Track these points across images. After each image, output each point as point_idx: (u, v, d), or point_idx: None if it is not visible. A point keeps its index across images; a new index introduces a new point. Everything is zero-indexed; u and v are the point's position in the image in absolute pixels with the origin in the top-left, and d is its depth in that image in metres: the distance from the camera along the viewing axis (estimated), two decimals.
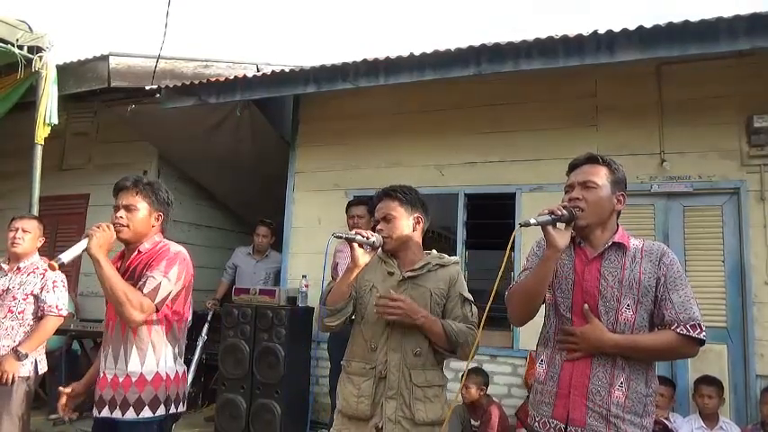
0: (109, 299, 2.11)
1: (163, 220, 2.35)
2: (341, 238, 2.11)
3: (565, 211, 1.75)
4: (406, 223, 2.23)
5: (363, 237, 2.11)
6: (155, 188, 2.33)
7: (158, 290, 2.14)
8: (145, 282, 2.14)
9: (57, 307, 3.24)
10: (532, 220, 1.71)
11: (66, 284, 3.35)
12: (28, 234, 3.27)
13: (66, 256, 2.05)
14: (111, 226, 2.18)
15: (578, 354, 1.78)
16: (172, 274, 2.19)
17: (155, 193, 2.31)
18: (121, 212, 2.25)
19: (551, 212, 1.73)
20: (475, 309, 2.19)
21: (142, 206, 2.27)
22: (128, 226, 2.24)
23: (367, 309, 2.19)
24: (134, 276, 2.21)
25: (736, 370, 4.04)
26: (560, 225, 1.75)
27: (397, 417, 2.06)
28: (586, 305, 1.77)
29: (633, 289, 1.76)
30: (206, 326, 5.26)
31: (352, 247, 2.11)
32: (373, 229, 2.24)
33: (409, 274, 2.18)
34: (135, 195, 2.27)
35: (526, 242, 4.51)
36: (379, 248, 2.20)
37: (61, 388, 2.35)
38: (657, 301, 1.75)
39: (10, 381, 3.06)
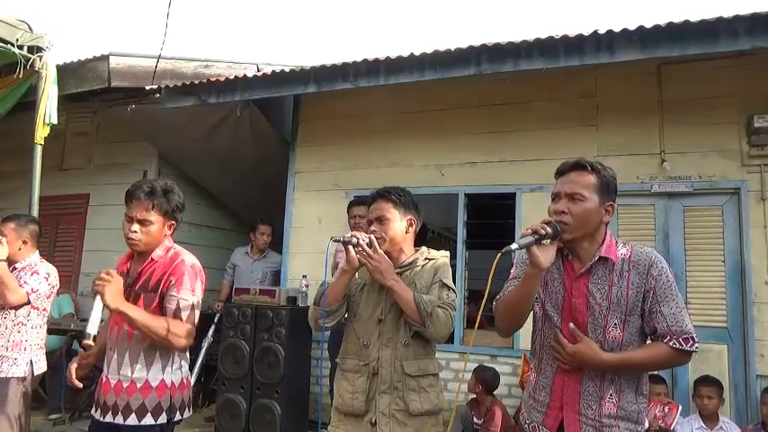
0: (150, 339, 2.12)
1: (175, 226, 2.32)
2: (339, 241, 2.15)
3: (549, 229, 1.68)
4: (400, 225, 2.25)
5: (358, 239, 2.14)
6: (169, 198, 2.25)
7: (194, 311, 2.19)
8: (178, 305, 2.15)
9: (25, 282, 3.09)
10: (514, 246, 1.64)
11: (49, 277, 3.22)
12: (3, 237, 3.12)
13: (93, 327, 2.01)
14: (114, 272, 2.10)
15: (568, 367, 1.77)
16: (198, 290, 2.22)
17: (170, 202, 2.25)
18: (135, 227, 2.19)
19: (535, 232, 1.67)
20: (453, 295, 2.20)
21: (157, 219, 2.22)
22: (142, 240, 2.20)
23: (359, 307, 2.24)
24: (148, 284, 2.19)
25: (736, 370, 4.04)
26: (545, 240, 1.70)
27: (390, 410, 2.09)
28: (572, 324, 1.74)
29: (621, 306, 1.73)
30: (212, 327, 5.27)
31: (347, 250, 2.14)
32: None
33: (398, 270, 2.21)
34: (150, 210, 2.20)
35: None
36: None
37: (85, 342, 2.32)
38: (647, 314, 1.72)
39: None
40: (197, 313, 2.19)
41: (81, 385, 2.36)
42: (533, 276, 1.70)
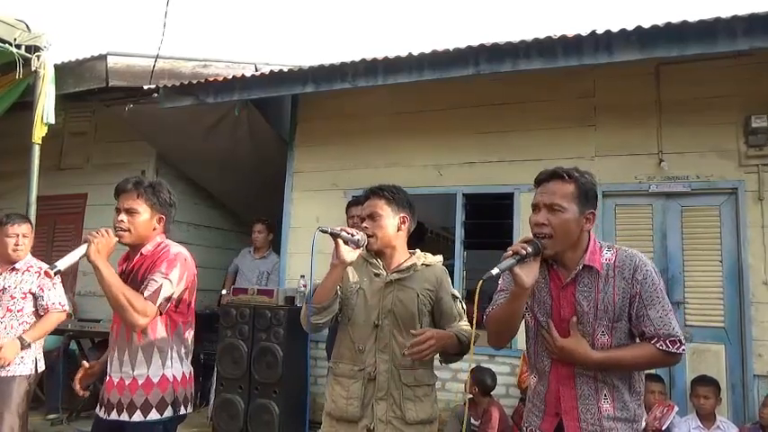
0: (111, 304, 2.09)
1: (165, 221, 2.32)
2: (326, 232, 2.07)
3: (530, 248, 1.67)
4: (392, 222, 2.21)
5: (348, 234, 2.08)
6: (156, 190, 2.28)
7: (159, 292, 2.13)
8: (146, 285, 2.13)
9: (60, 303, 3.31)
10: (495, 271, 1.63)
11: (60, 281, 3.39)
12: (27, 239, 3.31)
13: (63, 264, 2.03)
14: (111, 231, 2.14)
15: (557, 356, 1.78)
16: (173, 276, 2.17)
17: (156, 195, 2.27)
18: (123, 216, 2.21)
19: (516, 253, 1.65)
20: (463, 303, 2.25)
21: (144, 209, 2.23)
22: (129, 230, 2.21)
23: (354, 310, 2.18)
24: (137, 279, 2.19)
25: (733, 370, 4.05)
26: (528, 258, 1.68)
27: (387, 417, 2.06)
28: (574, 318, 1.75)
29: (608, 313, 1.73)
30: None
31: (337, 244, 2.06)
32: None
33: (396, 276, 2.18)
34: (136, 198, 2.22)
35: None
36: (364, 246, 2.17)
37: (85, 362, 2.38)
38: (634, 317, 1.73)
39: (5, 364, 3.09)
40: (163, 295, 2.13)
41: (87, 394, 2.38)
42: (519, 295, 1.70)
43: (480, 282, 1.66)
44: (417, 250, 2.31)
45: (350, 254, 2.08)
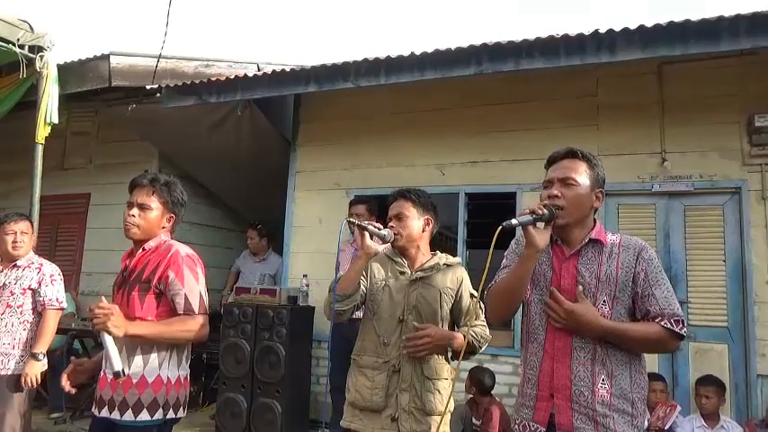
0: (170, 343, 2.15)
1: (174, 221, 2.32)
2: (354, 224, 2.22)
3: (545, 210, 1.72)
4: (417, 223, 2.36)
5: (375, 227, 2.23)
6: (171, 188, 2.29)
7: (203, 300, 2.18)
8: (186, 299, 2.15)
9: (57, 300, 3.31)
10: (514, 221, 1.70)
11: (62, 278, 3.40)
12: (26, 235, 3.33)
13: (117, 363, 1.96)
14: (105, 300, 2.03)
15: (559, 325, 1.75)
16: (201, 278, 2.22)
17: (170, 193, 2.27)
18: (134, 210, 2.21)
19: (532, 212, 1.71)
20: (481, 303, 2.30)
21: (156, 206, 2.24)
22: (139, 226, 2.21)
23: (380, 306, 2.31)
24: (141, 275, 2.17)
25: (737, 369, 4.04)
26: (540, 224, 1.72)
27: (410, 407, 2.20)
28: (581, 287, 1.75)
29: (610, 285, 1.75)
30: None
31: (362, 236, 2.20)
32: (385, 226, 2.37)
33: (420, 274, 2.32)
34: (151, 195, 2.23)
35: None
36: (389, 243, 2.31)
37: (73, 358, 2.39)
38: (639, 296, 1.75)
39: (34, 383, 3.17)
40: (207, 300, 2.21)
41: (74, 391, 2.34)
42: (530, 257, 1.73)
43: (499, 228, 1.70)
44: (438, 251, 2.45)
45: (374, 247, 2.21)
